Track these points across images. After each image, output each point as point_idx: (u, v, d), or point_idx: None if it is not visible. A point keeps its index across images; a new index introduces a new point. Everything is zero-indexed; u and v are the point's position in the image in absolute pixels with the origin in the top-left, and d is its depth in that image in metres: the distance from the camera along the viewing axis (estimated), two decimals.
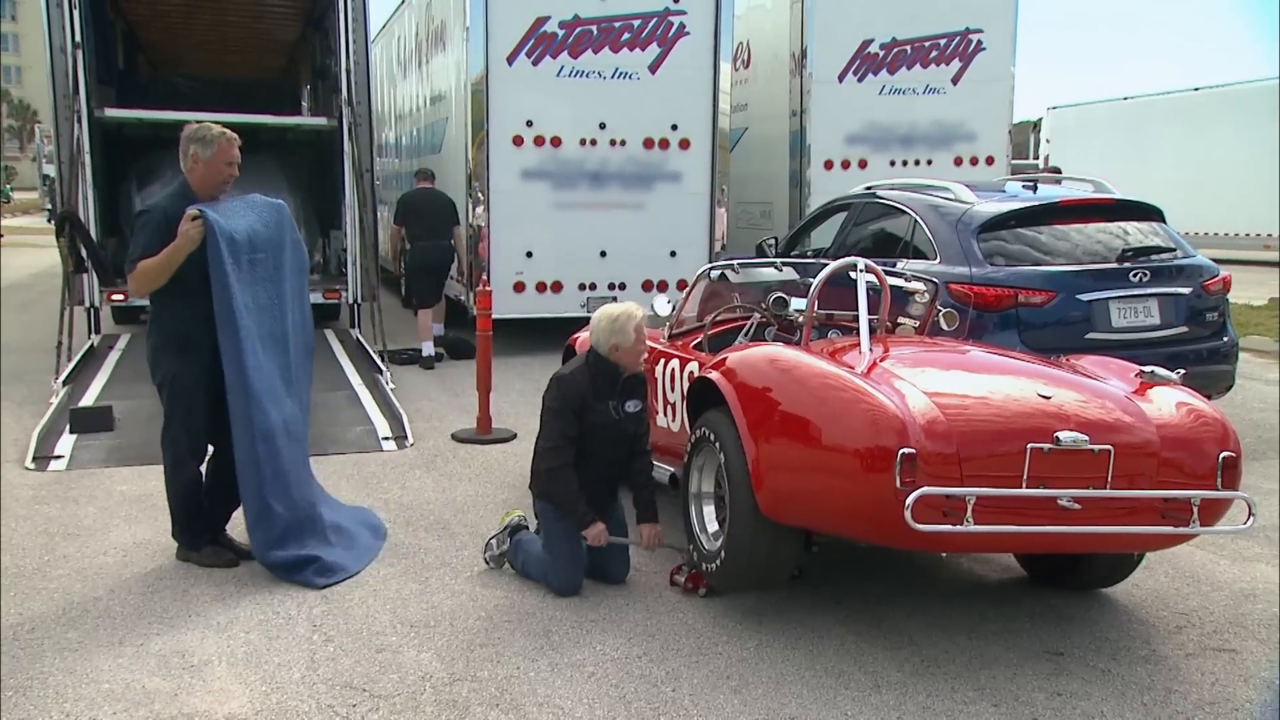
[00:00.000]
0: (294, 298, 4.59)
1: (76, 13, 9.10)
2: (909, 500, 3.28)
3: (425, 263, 9.85)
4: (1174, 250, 6.29)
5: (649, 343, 5.39)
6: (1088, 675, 3.67)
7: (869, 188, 7.34)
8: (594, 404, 4.25)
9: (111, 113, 10.28)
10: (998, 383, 3.87)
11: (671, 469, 4.86)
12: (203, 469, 4.63)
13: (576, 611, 4.13)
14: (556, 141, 9.91)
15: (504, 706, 3.41)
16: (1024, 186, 6.93)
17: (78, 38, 9.12)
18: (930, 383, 3.72)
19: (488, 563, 4.60)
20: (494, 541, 4.61)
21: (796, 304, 4.82)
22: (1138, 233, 6.30)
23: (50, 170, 24.37)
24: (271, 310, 4.46)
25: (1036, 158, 27.03)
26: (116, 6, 12.26)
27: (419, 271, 9.95)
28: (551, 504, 4.30)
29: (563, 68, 9.84)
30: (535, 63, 9.77)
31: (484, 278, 8.92)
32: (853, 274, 4.51)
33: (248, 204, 4.52)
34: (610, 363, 4.29)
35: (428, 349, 9.60)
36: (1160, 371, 3.98)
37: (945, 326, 4.96)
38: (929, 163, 11.60)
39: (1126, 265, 6.03)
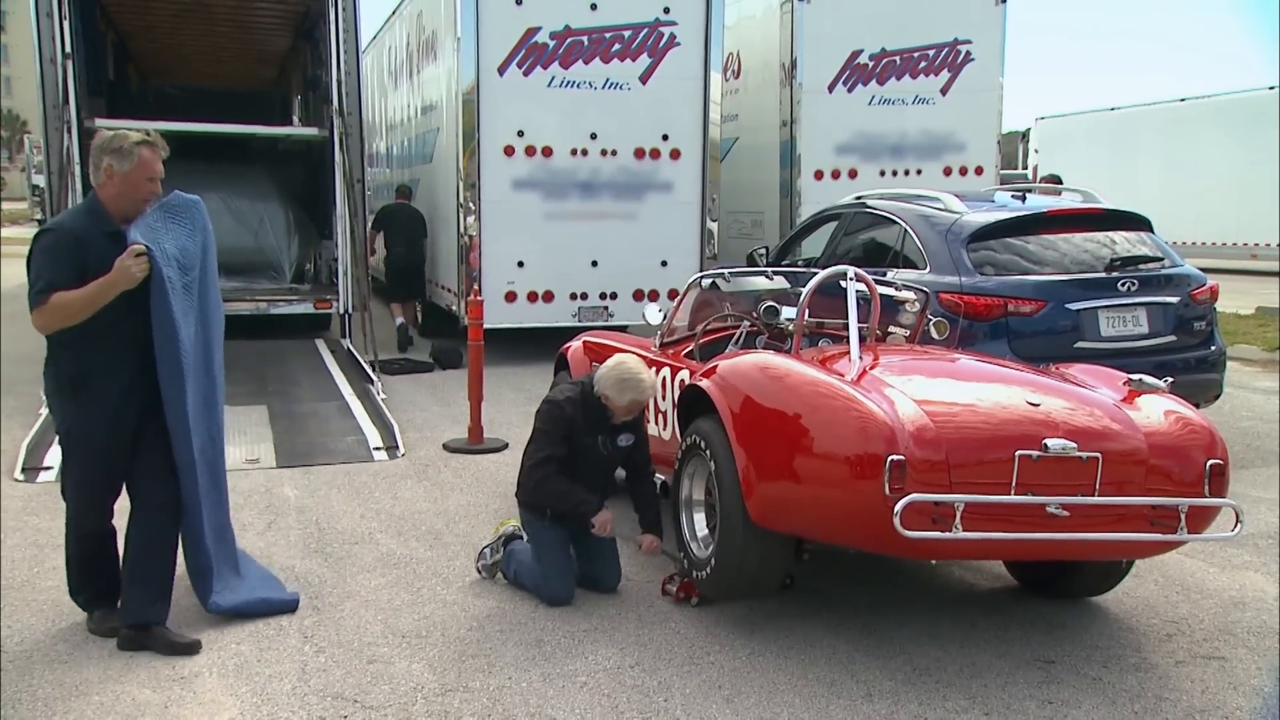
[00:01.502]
0: (212, 304, 4.03)
1: (66, 23, 9.09)
2: (898, 507, 3.30)
3: (399, 267, 11.32)
4: (1162, 260, 6.33)
5: (639, 351, 5.41)
6: (1078, 683, 3.68)
7: (859, 198, 7.37)
8: (582, 435, 4.30)
9: (102, 123, 10.23)
10: (987, 390, 3.89)
11: (663, 477, 4.86)
12: (111, 523, 4.00)
13: (569, 622, 4.13)
14: (548, 151, 9.93)
15: (496, 717, 3.40)
16: (1013, 196, 6.97)
17: (68, 48, 9.11)
18: (920, 390, 3.74)
19: (480, 572, 4.59)
20: (488, 551, 4.61)
21: (787, 313, 4.83)
22: (1126, 242, 6.34)
23: (40, 181, 24.26)
24: (200, 334, 3.94)
25: (1025, 168, 27.17)
26: (107, 17, 12.26)
27: (394, 273, 11.46)
28: (549, 508, 4.32)
29: (554, 78, 9.87)
30: (526, 73, 9.80)
31: (475, 288, 8.93)
32: (843, 283, 4.53)
33: (168, 212, 3.83)
34: (599, 401, 4.32)
35: (399, 322, 11.27)
36: (1148, 380, 4.01)
37: (936, 335, 4.98)
38: (918, 173, 11.65)
39: (1115, 275, 6.06)
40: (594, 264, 10.19)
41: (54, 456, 6.39)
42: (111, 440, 3.77)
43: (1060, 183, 9.48)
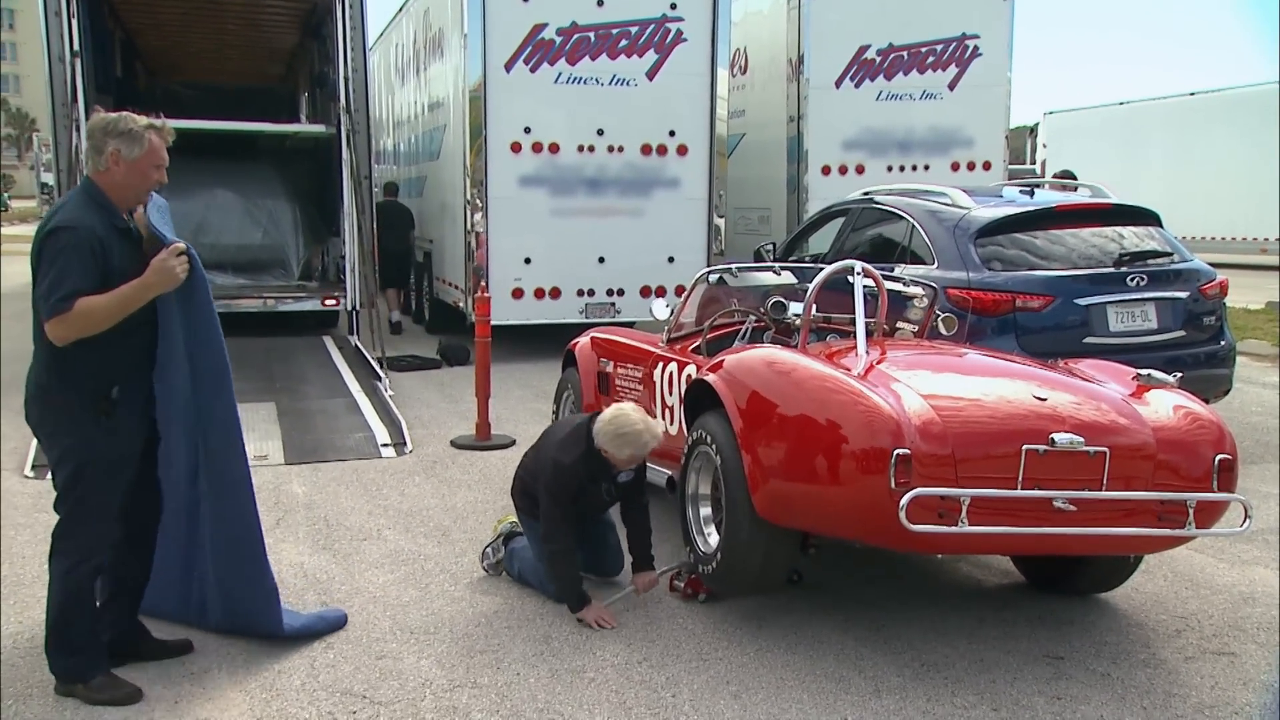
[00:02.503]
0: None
1: (75, 21, 9.13)
2: (904, 501, 3.29)
3: (387, 257, 11.63)
4: (1171, 255, 6.30)
5: (646, 346, 5.41)
6: (1087, 679, 3.67)
7: (866, 193, 7.35)
8: (586, 485, 4.24)
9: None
10: (994, 385, 3.88)
11: (669, 472, 4.86)
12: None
13: (575, 617, 4.12)
14: (555, 148, 9.93)
15: (504, 713, 3.41)
16: (1021, 191, 6.95)
17: (76, 46, 9.14)
18: (926, 385, 3.74)
19: (486, 570, 4.60)
20: (489, 550, 4.62)
21: (794, 308, 4.83)
22: (1134, 237, 6.32)
23: (49, 179, 24.37)
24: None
25: (1033, 163, 27.08)
26: (115, 15, 12.29)
27: (382, 263, 11.60)
28: (549, 575, 4.27)
29: (560, 74, 9.87)
30: (533, 69, 9.79)
31: (483, 284, 8.94)
32: (850, 278, 4.52)
33: (158, 210, 3.54)
34: (602, 458, 4.18)
35: (395, 316, 12.17)
36: (1157, 375, 4.00)
37: (944, 331, 4.97)
38: (926, 168, 11.62)
39: (1123, 270, 6.04)
40: (601, 260, 10.19)
41: None
42: (134, 459, 3.44)
43: (1074, 178, 9.42)
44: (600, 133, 10.03)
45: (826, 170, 11.52)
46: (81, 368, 3.27)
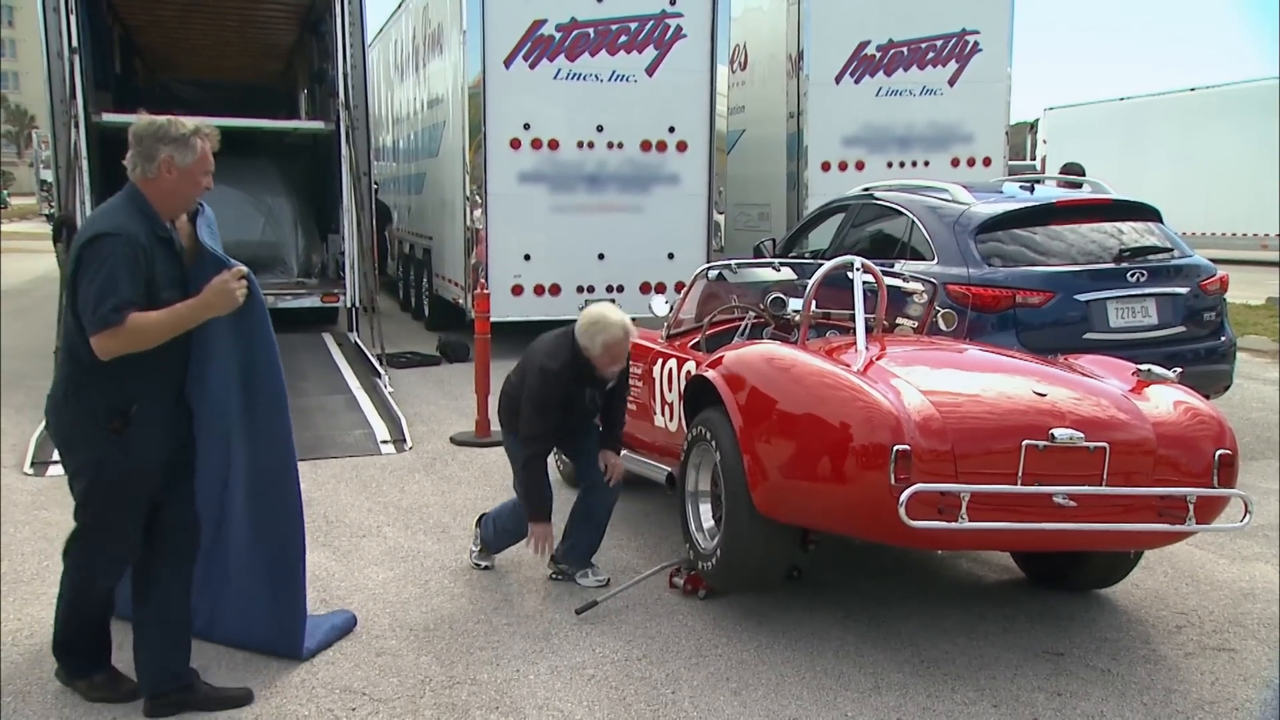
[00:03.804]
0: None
1: (73, 18, 9.11)
2: (903, 497, 3.29)
3: None
4: (1171, 250, 6.30)
5: (645, 342, 5.40)
6: (1088, 675, 3.67)
7: (866, 189, 7.34)
8: (573, 391, 4.31)
9: (109, 117, 10.27)
10: (993, 381, 3.87)
11: (669, 468, 4.86)
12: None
13: (575, 614, 4.12)
14: (554, 144, 9.92)
15: (504, 709, 3.40)
16: (1021, 187, 6.94)
17: (74, 43, 9.12)
18: (926, 380, 3.73)
19: (477, 566, 4.63)
20: (473, 549, 4.69)
21: (794, 304, 4.82)
22: (1135, 233, 6.31)
23: (48, 175, 24.39)
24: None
25: (1033, 158, 27.06)
26: (113, 11, 12.27)
27: None
28: (516, 485, 4.41)
29: (560, 70, 9.85)
30: (532, 66, 9.78)
31: (482, 281, 8.94)
32: (850, 274, 4.51)
33: (207, 224, 3.44)
34: (584, 358, 4.26)
35: None
36: (1157, 370, 3.99)
37: (944, 327, 4.97)
38: (926, 164, 11.61)
39: (1124, 265, 6.04)
40: (600, 257, 10.19)
41: None
42: (154, 478, 3.26)
43: (1082, 171, 9.33)
44: (600, 129, 10.02)
45: (826, 166, 11.51)
46: (101, 383, 3.12)
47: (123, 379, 3.11)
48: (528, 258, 10.00)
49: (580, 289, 10.16)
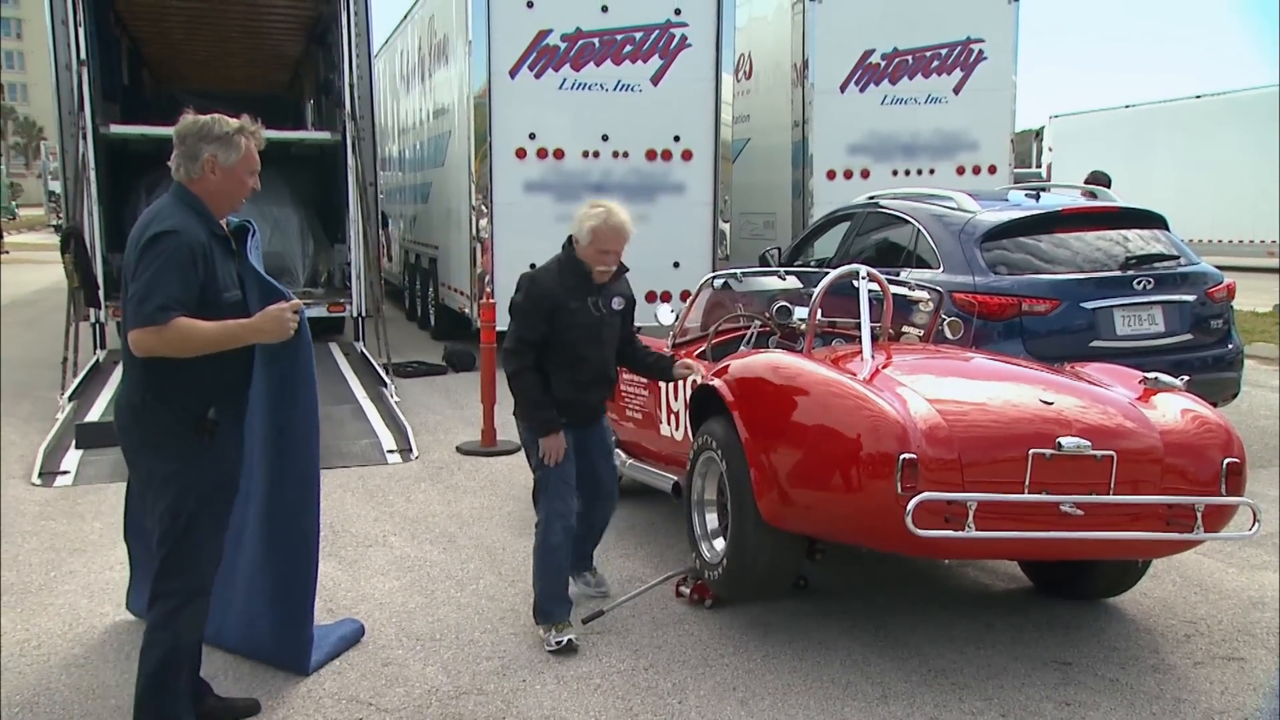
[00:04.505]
0: None
1: (81, 30, 9.15)
2: (910, 506, 3.28)
3: None
4: (1177, 258, 6.28)
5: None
6: (1096, 685, 3.66)
7: (872, 198, 7.34)
8: (568, 303, 3.88)
9: (116, 129, 10.33)
10: (1000, 389, 3.87)
11: (675, 478, 4.86)
12: None
13: (581, 624, 4.11)
14: (559, 154, 9.93)
15: (510, 719, 3.40)
16: (1027, 195, 6.94)
17: (83, 54, 9.16)
18: (932, 389, 3.73)
19: (559, 646, 3.89)
20: (547, 637, 3.94)
21: (800, 312, 4.82)
22: (1141, 240, 6.30)
23: (55, 187, 24.50)
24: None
25: (1039, 166, 27.05)
26: (121, 23, 12.34)
27: None
28: (515, 400, 4.00)
29: (565, 80, 9.87)
30: (538, 75, 9.80)
31: (488, 290, 8.94)
32: (855, 282, 4.51)
33: (255, 249, 3.38)
34: (579, 260, 3.93)
35: None
36: (1164, 378, 3.98)
37: (950, 335, 4.97)
38: (931, 172, 11.60)
39: (1130, 273, 6.02)
40: None
41: (71, 461, 6.44)
42: (235, 486, 3.22)
43: (1108, 182, 9.11)
44: (605, 138, 10.03)
45: (831, 175, 11.52)
46: (178, 385, 3.02)
47: (198, 381, 3.04)
48: (533, 267, 9.98)
49: None
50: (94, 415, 7.47)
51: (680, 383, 5.02)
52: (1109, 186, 8.21)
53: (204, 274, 3.01)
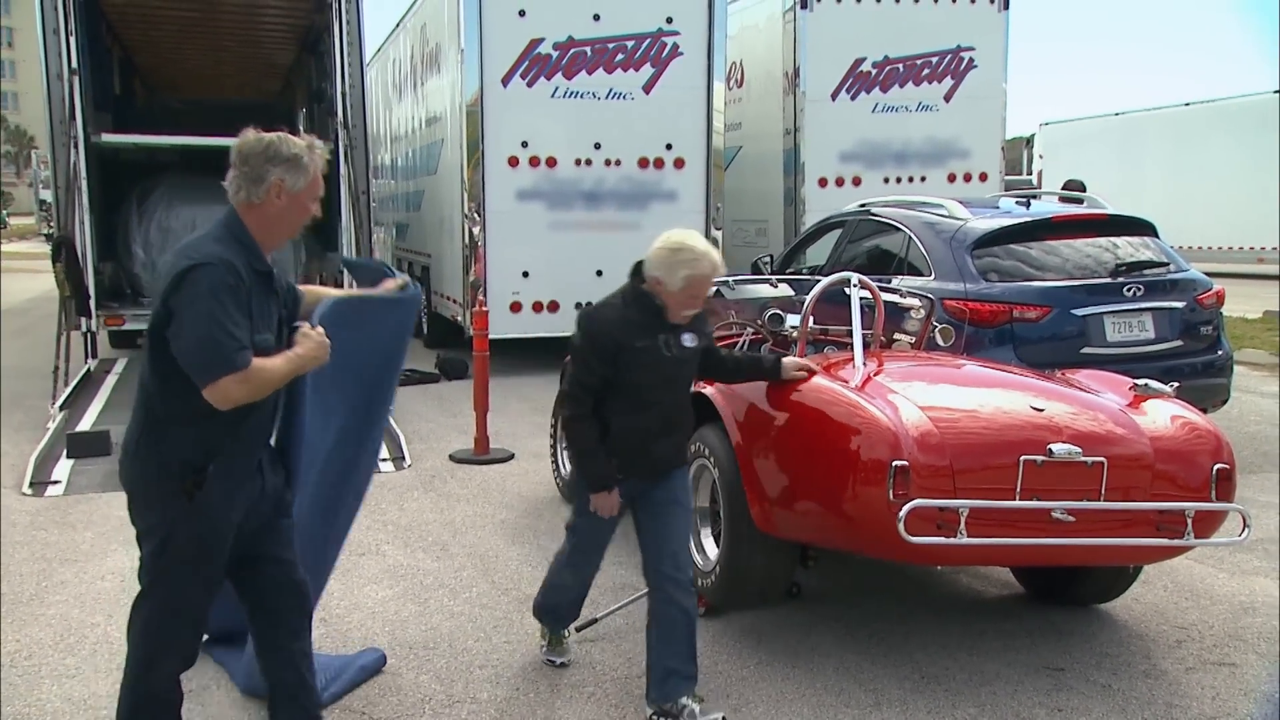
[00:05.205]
0: None
1: (73, 39, 9.14)
2: (902, 513, 3.29)
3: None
4: (1167, 265, 6.32)
5: None
6: (1088, 690, 3.67)
7: (863, 205, 7.37)
8: (633, 342, 3.38)
9: (108, 138, 10.32)
10: (991, 396, 3.88)
11: None
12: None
13: (574, 632, 4.10)
14: (552, 162, 9.95)
15: None
16: (1017, 202, 6.97)
17: (74, 63, 9.15)
18: (924, 396, 3.74)
19: (551, 663, 3.89)
20: (542, 645, 3.93)
21: (792, 320, 4.83)
22: (1131, 247, 6.34)
23: (47, 196, 24.43)
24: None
25: (1030, 173, 27.16)
26: (112, 32, 12.32)
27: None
28: (569, 451, 3.70)
29: (557, 88, 9.90)
30: (530, 84, 9.83)
31: (480, 298, 8.95)
32: (847, 289, 4.53)
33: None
34: (649, 294, 3.40)
35: None
36: (1154, 384, 4.00)
37: (941, 342, 4.98)
38: (922, 179, 11.65)
39: (1120, 280, 6.06)
40: (599, 273, 10.17)
41: (62, 470, 6.42)
42: (227, 543, 2.82)
43: (1083, 189, 9.36)
44: (597, 146, 10.06)
45: (823, 182, 11.56)
46: (178, 436, 2.72)
47: (202, 435, 2.71)
48: (526, 275, 10.01)
49: (579, 305, 10.14)
50: (85, 425, 7.46)
51: None
52: (1084, 191, 8.33)
53: (249, 313, 2.70)
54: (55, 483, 6.24)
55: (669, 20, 10.08)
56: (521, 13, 9.73)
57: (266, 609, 2.97)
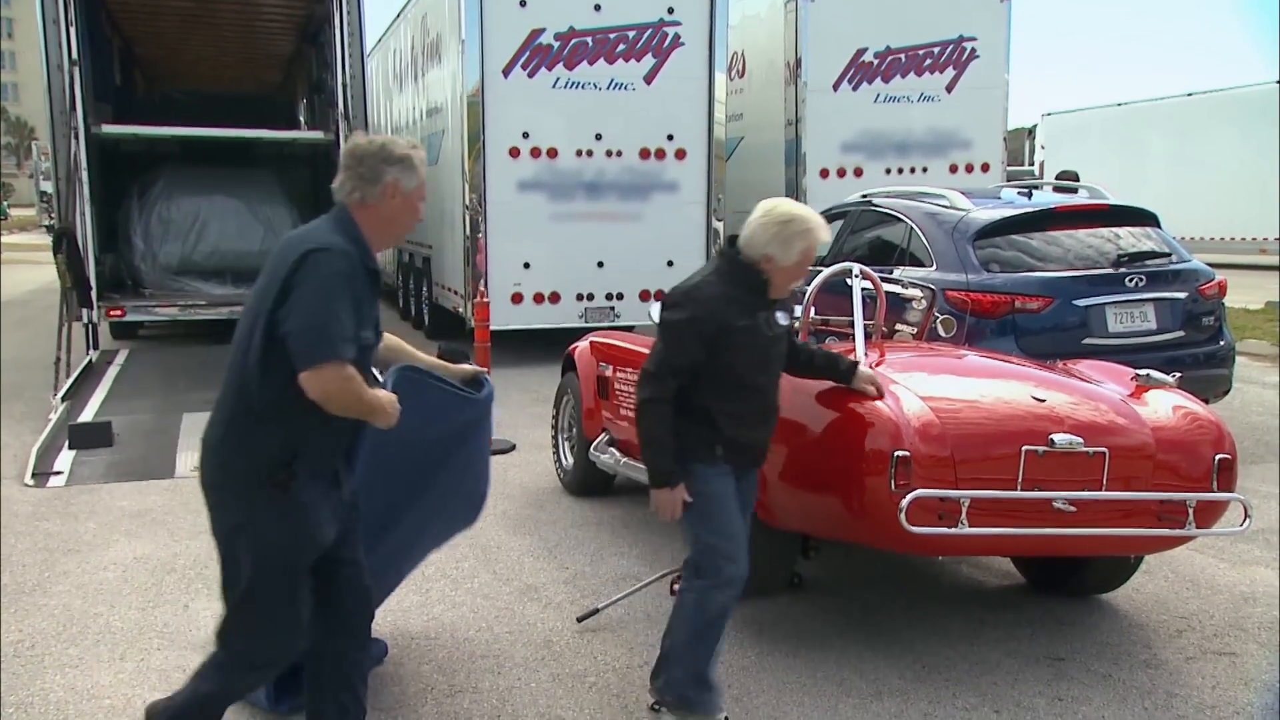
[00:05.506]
0: None
1: (73, 30, 9.13)
2: (903, 503, 3.29)
3: None
4: (1169, 255, 6.31)
5: (645, 349, 5.40)
6: (1089, 680, 3.67)
7: (865, 196, 7.36)
8: (736, 322, 3.16)
9: (108, 129, 10.31)
10: (992, 386, 3.88)
11: None
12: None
13: (576, 622, 4.12)
14: (553, 153, 9.94)
15: (505, 717, 3.40)
16: (1019, 193, 6.96)
17: (74, 54, 9.14)
18: (925, 387, 3.74)
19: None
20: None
21: (794, 310, 4.82)
22: (1133, 238, 6.32)
23: (48, 187, 24.44)
24: None
25: (1031, 164, 27.12)
26: (113, 23, 12.30)
27: None
28: (642, 445, 3.25)
29: (558, 79, 9.88)
30: (531, 74, 9.81)
31: (482, 289, 8.94)
32: (848, 280, 4.53)
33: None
34: (757, 271, 3.21)
35: None
36: (1156, 375, 4.00)
37: (943, 333, 4.98)
38: (924, 170, 11.64)
39: (1122, 270, 6.05)
40: (600, 265, 10.20)
41: (64, 461, 6.43)
42: (310, 551, 2.75)
43: (1077, 178, 9.42)
44: (598, 137, 10.05)
45: (825, 173, 11.54)
46: (265, 433, 2.66)
47: (292, 430, 2.65)
48: (527, 266, 10.01)
49: (580, 296, 10.18)
50: (87, 416, 7.46)
51: None
52: (1077, 180, 8.35)
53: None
54: (57, 473, 6.24)
55: (670, 10, 10.06)
56: (522, 3, 9.71)
57: (337, 610, 2.87)
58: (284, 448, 2.65)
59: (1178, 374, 4.10)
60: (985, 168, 11.85)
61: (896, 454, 3.38)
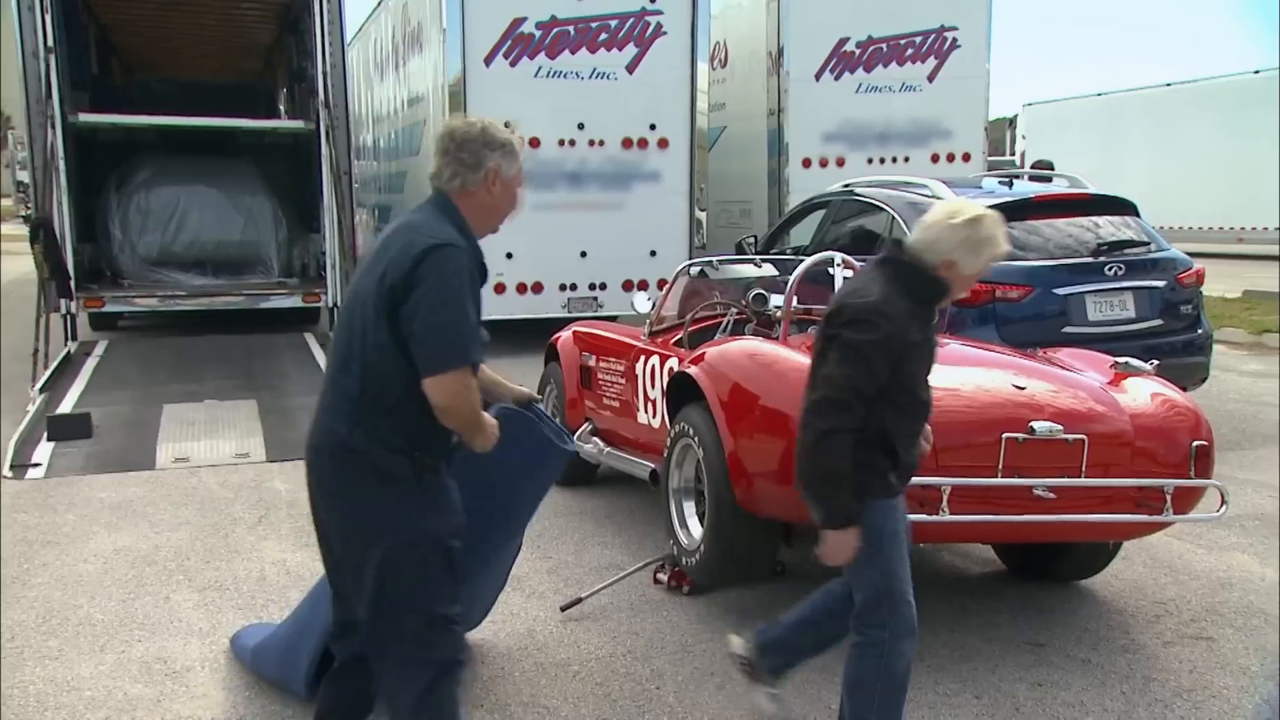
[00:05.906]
0: None
1: (49, 16, 9.03)
2: None
3: None
4: (1148, 244, 6.36)
5: (628, 339, 5.41)
6: (1068, 665, 3.71)
7: (847, 185, 7.38)
8: (916, 337, 2.82)
9: (86, 117, 10.20)
10: (973, 374, 3.90)
11: (652, 465, 4.87)
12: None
13: (559, 611, 4.13)
14: (535, 143, 9.90)
15: (489, 707, 3.41)
16: (1000, 182, 6.99)
17: (50, 42, 9.04)
18: None
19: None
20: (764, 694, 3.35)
21: (775, 300, 4.84)
22: (1112, 227, 6.36)
23: (24, 177, 24.12)
24: None
25: (1012, 154, 27.23)
26: (89, 10, 12.17)
27: None
28: (805, 487, 2.90)
29: (540, 68, 9.85)
30: (513, 64, 9.77)
31: None
32: (830, 269, 4.54)
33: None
34: (935, 279, 2.83)
35: None
36: (1134, 363, 4.03)
37: None
38: (906, 160, 11.66)
39: (1101, 259, 6.09)
40: (583, 255, 10.18)
41: (43, 453, 6.38)
42: (457, 538, 2.62)
43: (1052, 168, 9.49)
44: (581, 127, 10.02)
45: (807, 163, 11.55)
46: (390, 427, 2.52)
47: (417, 426, 2.53)
48: (510, 256, 9.98)
49: (563, 287, 10.17)
50: (65, 407, 7.41)
51: (657, 370, 5.04)
52: (1052, 169, 8.40)
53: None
54: (36, 465, 6.20)
55: (652, 0, 10.03)
56: None
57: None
58: (411, 441, 2.53)
59: (1156, 362, 4.14)
60: (966, 157, 11.89)
61: None
